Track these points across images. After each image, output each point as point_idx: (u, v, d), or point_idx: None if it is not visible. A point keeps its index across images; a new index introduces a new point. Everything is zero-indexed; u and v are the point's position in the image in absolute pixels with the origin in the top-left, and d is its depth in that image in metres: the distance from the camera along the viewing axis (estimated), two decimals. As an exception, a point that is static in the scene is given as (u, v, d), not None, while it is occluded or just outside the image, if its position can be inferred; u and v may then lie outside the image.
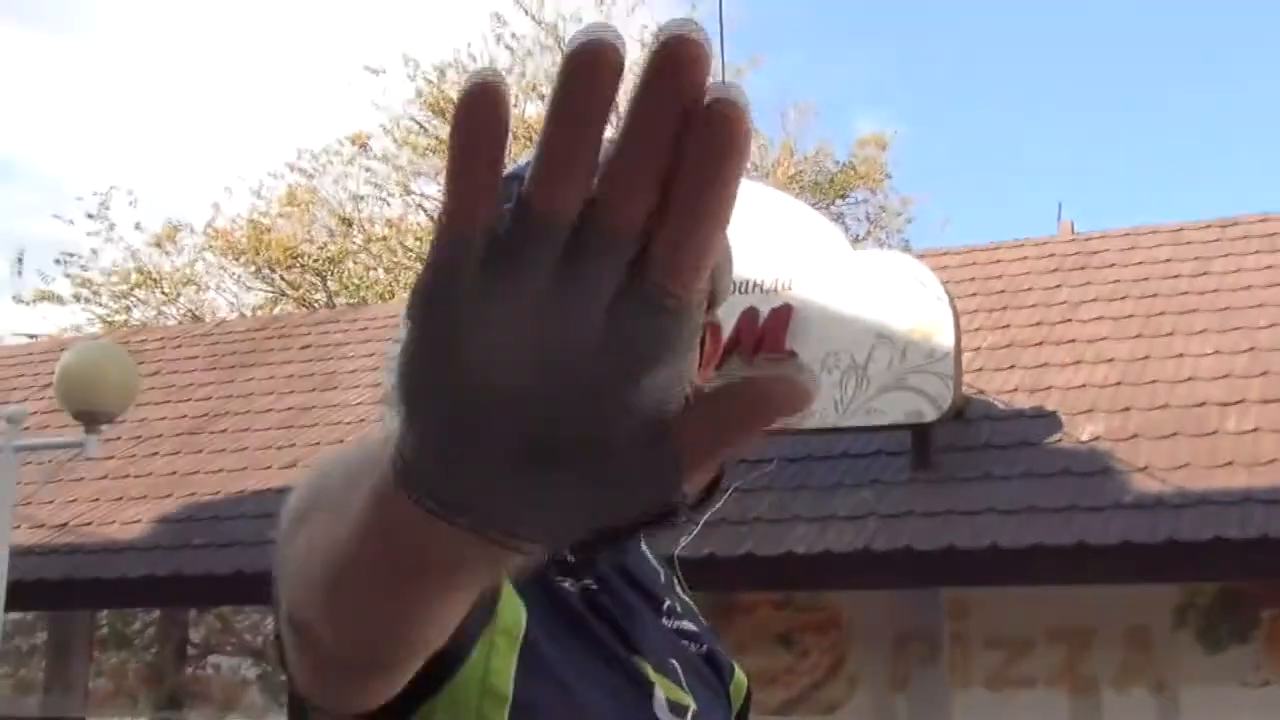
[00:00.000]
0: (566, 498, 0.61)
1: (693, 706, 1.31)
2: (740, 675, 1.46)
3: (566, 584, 1.28)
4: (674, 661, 1.33)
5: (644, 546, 1.44)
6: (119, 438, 10.79)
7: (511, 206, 0.58)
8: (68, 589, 9.10)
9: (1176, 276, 9.99)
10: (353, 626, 0.88)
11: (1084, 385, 8.70)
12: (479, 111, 0.56)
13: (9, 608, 8.02)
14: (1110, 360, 8.95)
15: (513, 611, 1.20)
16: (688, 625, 1.40)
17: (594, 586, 1.29)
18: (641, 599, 1.36)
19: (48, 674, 10.61)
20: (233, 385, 12.01)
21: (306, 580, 0.88)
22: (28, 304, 21.07)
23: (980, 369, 9.13)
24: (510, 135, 0.58)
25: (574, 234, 0.57)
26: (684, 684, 1.32)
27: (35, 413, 10.82)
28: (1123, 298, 9.84)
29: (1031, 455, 8.03)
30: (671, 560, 1.48)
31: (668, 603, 1.40)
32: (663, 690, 1.28)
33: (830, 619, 8.42)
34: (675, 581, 1.47)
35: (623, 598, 1.32)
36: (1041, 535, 7.14)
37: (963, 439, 8.36)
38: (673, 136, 0.56)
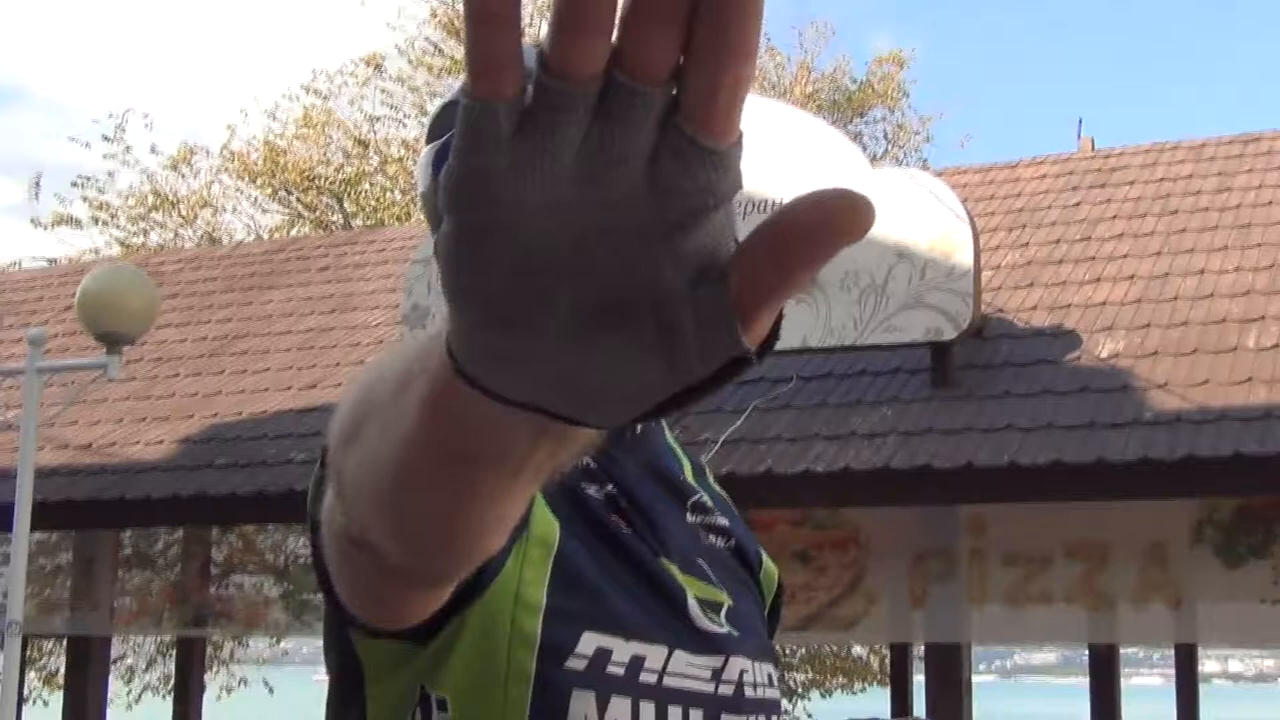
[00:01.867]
0: (631, 365, 0.60)
1: (726, 602, 1.32)
2: (770, 565, 1.46)
3: (592, 490, 1.28)
4: (701, 560, 1.33)
5: (668, 437, 1.44)
6: (140, 359, 10.84)
7: (535, 71, 0.56)
8: (92, 509, 9.17)
9: (1198, 193, 9.92)
10: (417, 532, 0.88)
11: (1104, 303, 8.67)
12: None
13: (34, 528, 8.08)
14: (1131, 277, 8.91)
15: (545, 522, 1.21)
16: (716, 519, 1.40)
17: (615, 491, 1.30)
18: (665, 494, 1.36)
19: (73, 593, 10.71)
20: (251, 307, 12.03)
21: (365, 496, 0.88)
22: (46, 228, 21.06)
23: (999, 287, 9.11)
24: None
25: (602, 92, 0.56)
26: (714, 580, 1.33)
27: (56, 335, 10.88)
28: (1144, 214, 9.79)
29: (1051, 373, 8.02)
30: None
31: (694, 496, 1.39)
32: (694, 591, 1.28)
33: (849, 536, 8.46)
34: (704, 471, 1.46)
35: (647, 498, 1.32)
36: (1060, 452, 7.14)
37: (982, 357, 8.35)
38: None
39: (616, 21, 0.55)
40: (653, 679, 1.20)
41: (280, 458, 8.87)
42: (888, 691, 11.90)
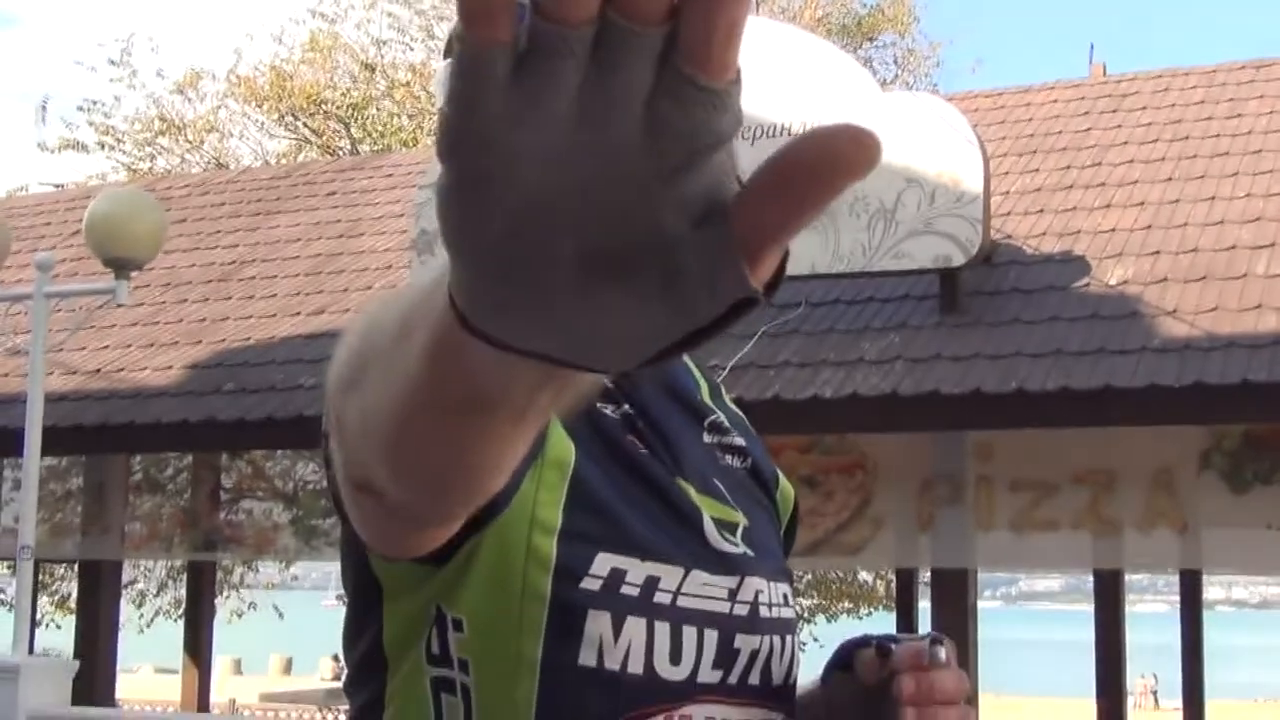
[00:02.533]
0: (636, 309, 0.59)
1: (743, 522, 1.32)
2: (786, 485, 1.46)
3: (608, 410, 1.28)
4: (717, 480, 1.34)
5: (685, 358, 1.44)
6: (148, 285, 10.84)
7: (528, 17, 0.55)
8: (102, 434, 9.21)
9: (1209, 119, 9.87)
10: (420, 478, 0.88)
11: (1114, 229, 8.65)
12: None
13: (45, 453, 8.13)
14: (1140, 204, 8.88)
15: (560, 443, 1.21)
16: (732, 439, 1.40)
17: (632, 411, 1.30)
18: (682, 414, 1.35)
19: (84, 518, 10.78)
20: (259, 233, 12.02)
21: (369, 441, 0.88)
22: (52, 152, 21.01)
23: (1009, 213, 9.08)
24: None
25: (597, 35, 0.55)
26: (730, 501, 1.33)
27: (64, 260, 10.87)
28: (1154, 140, 9.74)
29: (1059, 299, 8.01)
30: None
31: (711, 416, 1.39)
32: (710, 511, 1.29)
33: (856, 462, 8.49)
34: (721, 392, 1.46)
35: (663, 418, 1.32)
36: (1068, 379, 7.15)
37: (990, 283, 8.34)
38: None
39: None
40: (668, 599, 1.21)
41: (289, 383, 8.89)
42: (893, 616, 11.98)
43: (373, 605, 1.24)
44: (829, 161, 0.55)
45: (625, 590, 1.18)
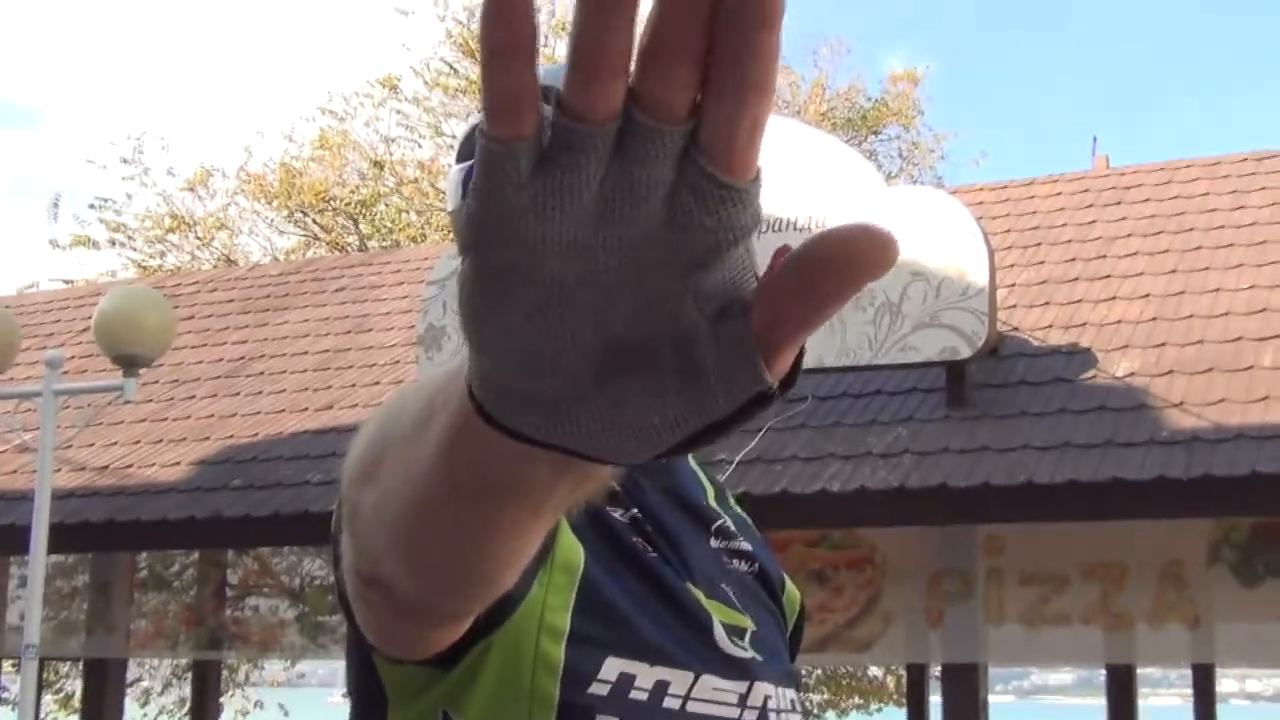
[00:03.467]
0: (653, 403, 0.59)
1: (751, 627, 1.32)
2: (792, 589, 1.46)
3: (616, 514, 1.28)
4: (725, 585, 1.33)
5: (691, 462, 1.44)
6: (156, 382, 10.87)
7: (552, 112, 0.56)
8: (109, 531, 9.18)
9: (1213, 210, 9.91)
10: (432, 571, 0.88)
11: (1119, 321, 8.66)
12: (508, 11, 0.54)
13: (51, 550, 8.10)
14: (1146, 296, 8.90)
15: (569, 546, 1.20)
16: (739, 544, 1.39)
17: (640, 515, 1.30)
18: (689, 520, 1.35)
19: (89, 615, 10.73)
20: (267, 329, 12.06)
21: (383, 532, 0.87)
22: (63, 249, 21.15)
23: (1015, 305, 9.10)
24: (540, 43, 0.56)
25: (620, 131, 0.55)
26: (738, 606, 1.33)
27: (73, 357, 10.91)
28: (1158, 232, 9.78)
29: (1066, 391, 8.01)
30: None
31: (718, 521, 1.39)
32: (719, 616, 1.28)
33: (865, 556, 8.45)
34: (725, 495, 1.46)
35: (670, 523, 1.32)
36: (1076, 471, 7.12)
37: (997, 376, 8.34)
38: (706, 9, 0.54)
39: (633, 60, 0.55)
40: (677, 704, 1.20)
41: (296, 479, 8.88)
42: (904, 712, 11.87)
43: (376, 710, 1.23)
44: (848, 260, 0.56)
45: (634, 695, 1.18)
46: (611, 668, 1.18)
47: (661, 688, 1.19)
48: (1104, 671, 9.90)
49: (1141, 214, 10.16)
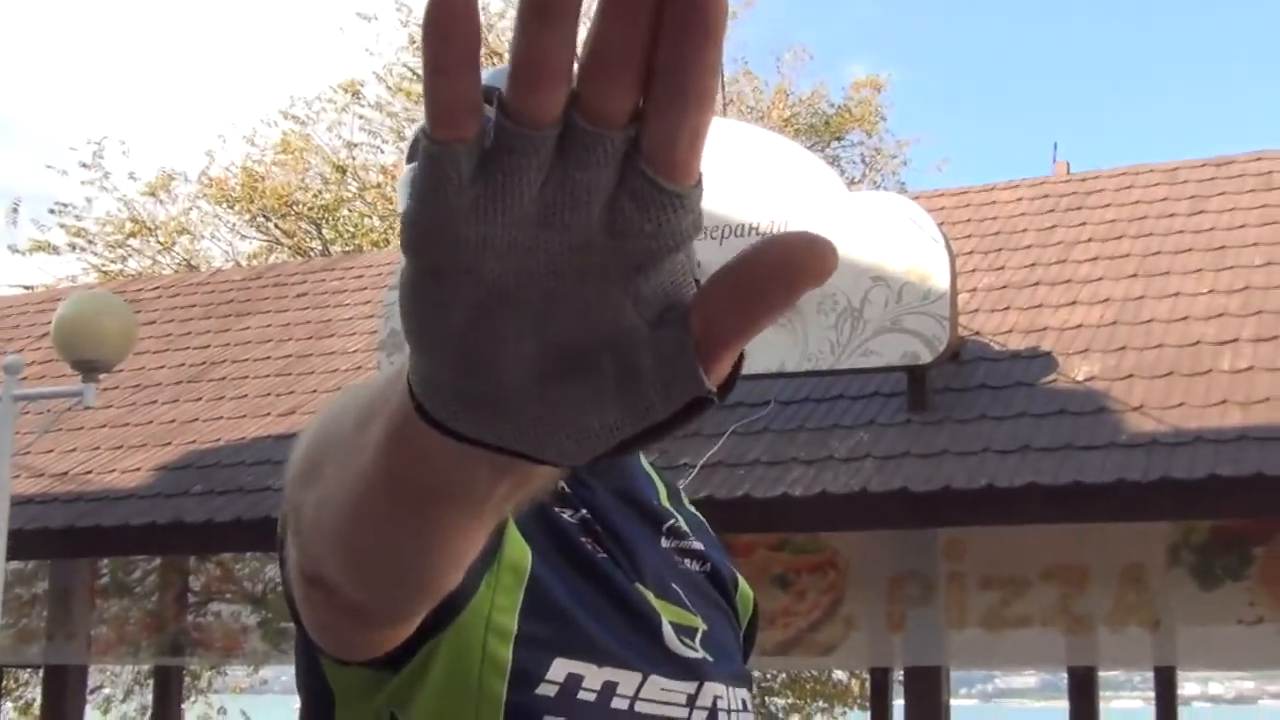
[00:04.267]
0: (593, 405, 0.60)
1: (701, 627, 1.32)
2: (745, 588, 1.46)
3: (565, 515, 1.28)
4: (675, 585, 1.34)
5: (643, 462, 1.44)
6: (117, 387, 10.81)
7: (493, 116, 0.56)
8: (68, 537, 9.12)
9: (1172, 215, 9.97)
10: (374, 572, 0.88)
11: (1079, 325, 8.71)
12: (450, 16, 0.54)
13: (10, 556, 8.05)
14: (1105, 300, 8.95)
15: (516, 547, 1.20)
16: (690, 544, 1.40)
17: (589, 516, 1.30)
18: (639, 520, 1.36)
19: (50, 622, 10.65)
20: (229, 334, 12.01)
21: (324, 533, 0.88)
22: (23, 254, 20.99)
23: (976, 310, 9.14)
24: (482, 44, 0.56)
25: (561, 135, 0.56)
26: (689, 605, 1.33)
27: (33, 363, 10.84)
28: (1119, 237, 9.83)
29: (1027, 395, 8.04)
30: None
31: (669, 521, 1.39)
32: (669, 616, 1.29)
33: (827, 560, 8.46)
34: (679, 494, 1.46)
35: (620, 523, 1.32)
36: (1037, 474, 7.16)
37: (958, 380, 8.37)
38: (649, 18, 0.54)
39: (575, 67, 0.55)
40: (625, 704, 1.20)
41: (258, 485, 8.84)
42: (867, 716, 11.89)
43: (325, 712, 1.23)
44: (786, 267, 0.57)
45: (582, 696, 1.18)
46: (559, 668, 1.18)
47: (609, 688, 1.20)
48: (1066, 675, 9.93)
49: (1102, 219, 10.21)
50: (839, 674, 17.37)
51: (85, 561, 10.46)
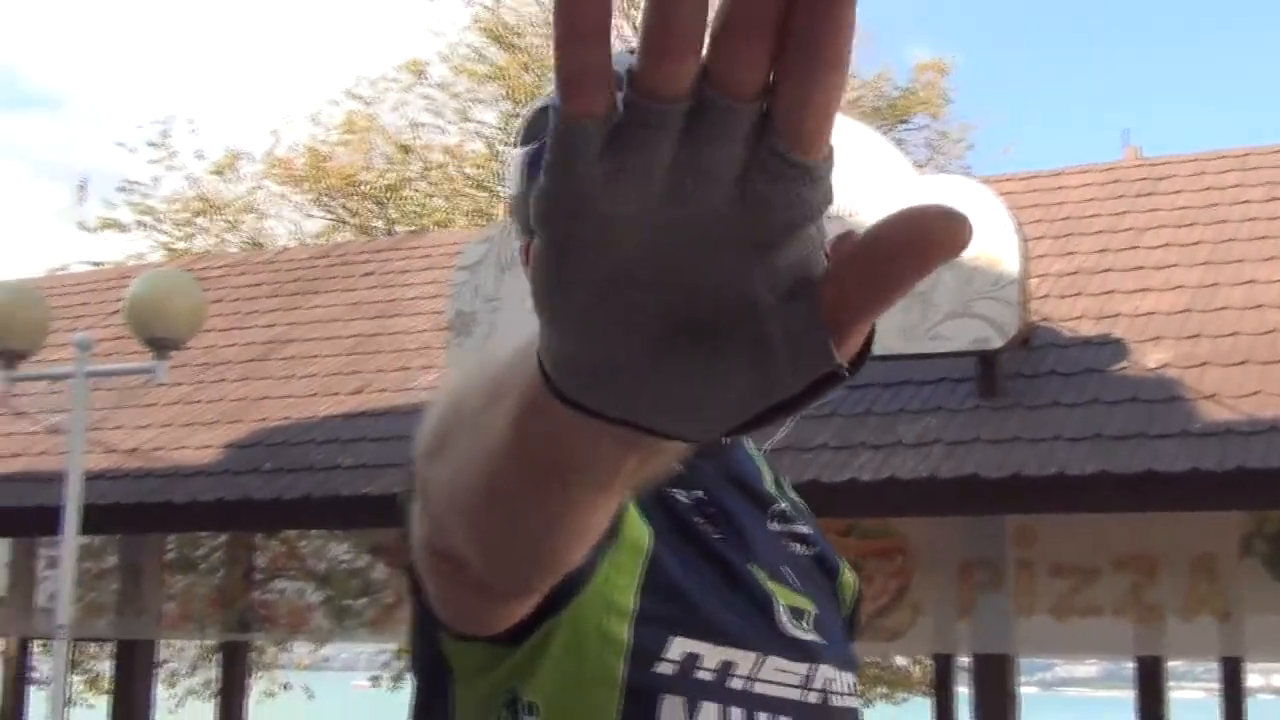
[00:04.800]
0: (722, 380, 0.60)
1: (811, 610, 1.32)
2: (848, 574, 1.46)
3: (680, 495, 1.28)
4: (785, 568, 1.34)
5: (749, 446, 1.44)
6: (186, 365, 10.90)
7: (624, 89, 0.56)
8: (139, 513, 9.23)
9: (1245, 202, 9.86)
10: (502, 548, 0.88)
11: (1151, 312, 8.63)
12: None
13: (82, 531, 8.14)
14: (1178, 287, 8.86)
15: (637, 527, 1.21)
16: (798, 528, 1.40)
17: (704, 496, 1.30)
18: (748, 502, 1.36)
19: (119, 597, 10.79)
20: (297, 313, 12.09)
21: (454, 509, 0.88)
22: (92, 231, 21.24)
23: (1046, 296, 9.07)
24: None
25: (692, 109, 0.55)
26: (799, 588, 1.33)
27: (103, 340, 10.95)
28: (1190, 224, 9.74)
29: (1099, 382, 7.98)
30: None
31: (776, 505, 1.40)
32: (781, 598, 1.29)
33: (894, 546, 8.44)
34: (783, 480, 1.46)
35: (731, 505, 1.33)
36: (1108, 463, 7.11)
37: (1029, 366, 8.32)
38: None
39: (707, 37, 0.54)
40: (741, 685, 1.21)
41: (326, 463, 8.91)
42: (929, 702, 11.86)
43: (443, 687, 1.23)
44: (921, 240, 0.56)
45: (699, 675, 1.18)
46: (677, 647, 1.18)
47: (726, 668, 1.20)
48: (1131, 664, 9.87)
49: (1173, 205, 10.12)
50: (900, 660, 17.34)
51: (155, 537, 10.58)
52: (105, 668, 15.05)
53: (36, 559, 11.11)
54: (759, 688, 1.22)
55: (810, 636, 1.29)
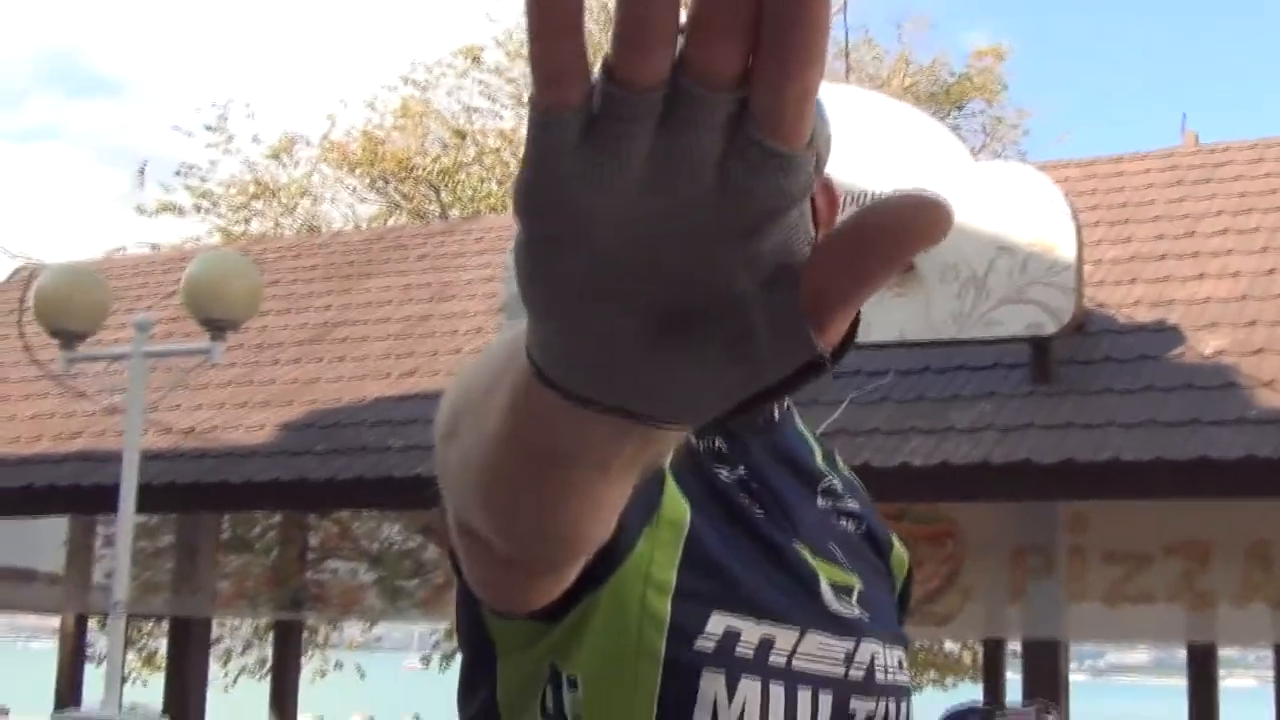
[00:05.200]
0: (706, 368, 0.60)
1: (858, 586, 1.32)
2: (900, 550, 1.47)
3: (723, 474, 1.29)
4: (832, 544, 1.34)
5: (799, 424, 1.44)
6: (241, 346, 10.97)
7: (600, 80, 0.56)
8: (195, 492, 9.31)
9: (1305, 189, 9.76)
10: (512, 527, 0.89)
11: (1208, 299, 8.55)
12: None
13: (138, 510, 8.22)
14: (1235, 274, 8.78)
15: (676, 504, 1.21)
16: (846, 504, 1.40)
17: (746, 474, 1.31)
18: (796, 479, 1.36)
19: (175, 575, 10.89)
20: (350, 295, 12.14)
21: (465, 489, 0.90)
22: (149, 215, 21.39)
23: (1101, 282, 9.00)
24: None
25: (668, 98, 0.55)
26: (845, 564, 1.33)
27: (160, 321, 11.04)
28: (1248, 210, 9.64)
29: (1153, 369, 7.92)
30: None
31: (825, 481, 1.40)
32: (826, 575, 1.29)
33: (946, 531, 8.41)
34: (832, 456, 1.46)
35: (776, 481, 1.32)
36: (1163, 449, 7.05)
37: (1083, 353, 8.26)
38: None
39: (681, 28, 0.55)
40: (783, 660, 1.20)
41: (379, 444, 8.96)
42: (979, 688, 11.82)
43: (487, 662, 1.24)
44: (897, 227, 0.56)
45: (740, 651, 1.19)
46: (717, 623, 1.18)
47: (767, 644, 1.20)
48: (1182, 651, 9.82)
49: (1231, 191, 10.01)
50: (950, 645, 17.28)
51: (210, 516, 10.67)
52: (160, 646, 15.20)
53: (94, 537, 11.23)
54: (799, 663, 1.22)
55: (854, 613, 1.29)
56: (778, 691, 1.20)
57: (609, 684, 1.18)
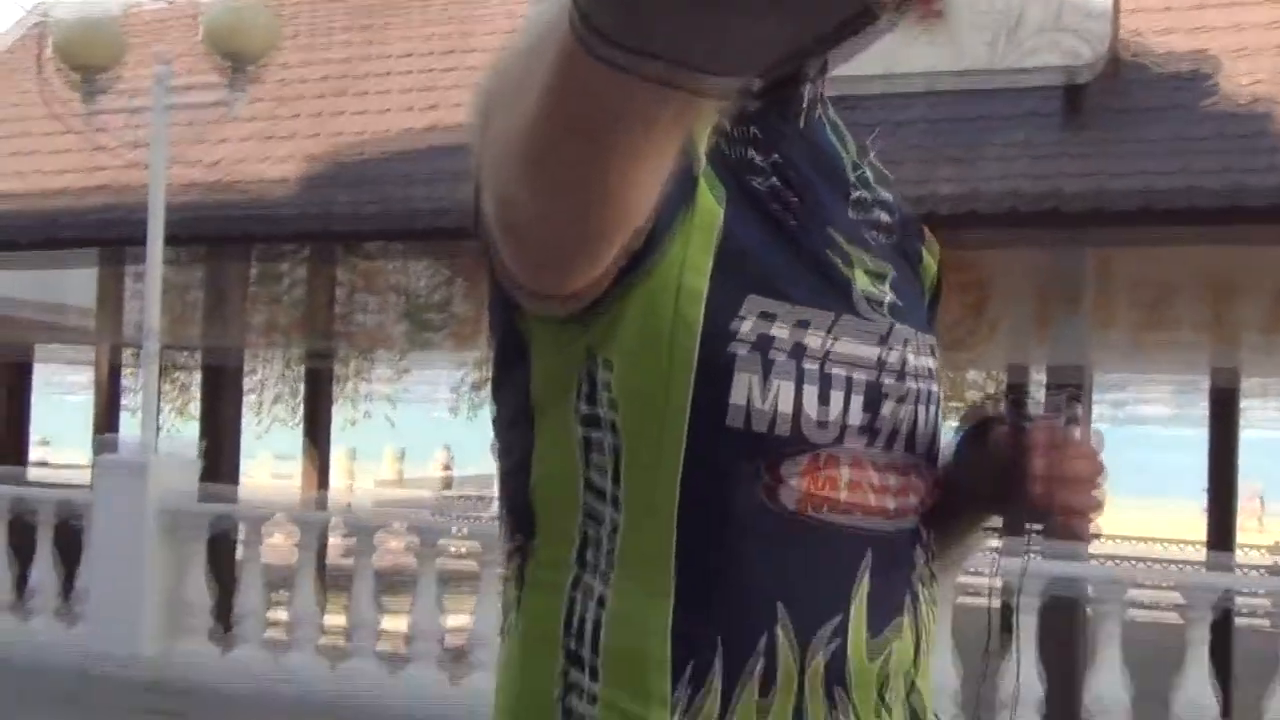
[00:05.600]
0: (753, 16, 0.59)
1: (890, 272, 1.32)
2: (930, 261, 1.44)
3: (756, 182, 1.26)
4: (863, 253, 1.32)
5: (831, 113, 1.41)
6: (263, 100, 10.84)
7: None
8: (223, 224, 9.33)
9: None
10: (557, 192, 0.89)
11: (1244, 48, 8.34)
12: None
13: (168, 244, 8.31)
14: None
15: (709, 204, 1.19)
16: (878, 215, 1.37)
17: (781, 161, 1.28)
18: (828, 187, 1.33)
19: (205, 309, 10.97)
20: (370, 33, 11.94)
21: (509, 157, 0.89)
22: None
23: (1137, 30, 8.77)
24: None
25: None
26: (878, 252, 1.32)
27: (180, 73, 10.91)
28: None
29: (1186, 114, 7.78)
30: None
31: (856, 193, 1.36)
32: (859, 264, 1.28)
33: (972, 263, 8.37)
34: (867, 150, 1.41)
35: (810, 175, 1.30)
36: (1193, 196, 6.98)
37: (1116, 99, 8.09)
38: None
39: None
40: (818, 343, 1.20)
41: (403, 176, 8.93)
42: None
43: (521, 357, 1.24)
44: None
45: (775, 332, 1.18)
46: (753, 304, 1.18)
47: (803, 325, 1.19)
48: (1204, 404, 9.89)
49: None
50: (973, 394, 17.44)
51: (238, 250, 10.68)
52: (194, 393, 15.39)
53: (125, 275, 11.26)
54: (835, 345, 1.21)
55: (888, 297, 1.29)
56: (812, 372, 1.18)
57: (645, 361, 1.17)
